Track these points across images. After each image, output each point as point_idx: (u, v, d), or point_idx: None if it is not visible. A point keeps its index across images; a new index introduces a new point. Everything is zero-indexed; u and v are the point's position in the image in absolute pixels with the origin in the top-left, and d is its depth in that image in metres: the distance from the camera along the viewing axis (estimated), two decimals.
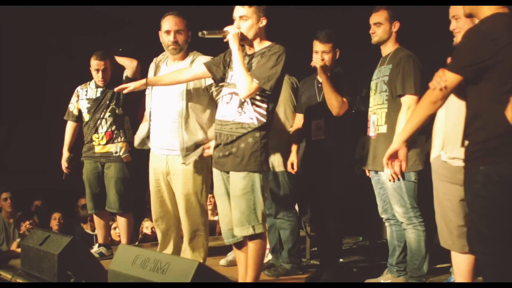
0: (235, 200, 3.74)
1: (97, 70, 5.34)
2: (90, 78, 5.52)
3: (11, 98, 8.48)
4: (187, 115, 4.26)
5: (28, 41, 8.51)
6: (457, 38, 3.51)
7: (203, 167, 4.35)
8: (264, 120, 3.72)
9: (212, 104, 4.31)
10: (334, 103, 4.34)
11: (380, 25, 4.23)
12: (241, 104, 3.72)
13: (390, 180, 3.96)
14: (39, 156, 8.56)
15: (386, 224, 4.45)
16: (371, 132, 4.30)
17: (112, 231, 6.29)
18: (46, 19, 8.24)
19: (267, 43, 3.80)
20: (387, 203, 4.34)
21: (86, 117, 5.43)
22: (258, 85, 3.63)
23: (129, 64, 5.20)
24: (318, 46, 4.51)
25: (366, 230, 5.76)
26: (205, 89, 4.31)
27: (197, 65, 4.12)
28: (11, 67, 8.41)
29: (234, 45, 3.69)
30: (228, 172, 3.78)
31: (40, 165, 8.54)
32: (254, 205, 3.71)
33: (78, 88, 5.58)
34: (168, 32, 4.28)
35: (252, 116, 3.70)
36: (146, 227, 6.54)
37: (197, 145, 4.27)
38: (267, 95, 3.72)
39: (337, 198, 4.47)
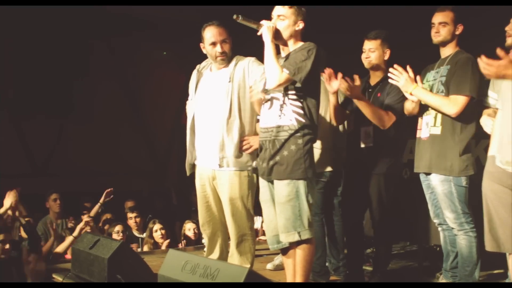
0: (280, 206, 3.73)
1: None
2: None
3: (60, 103, 8.65)
4: (229, 116, 4.26)
5: (71, 45, 8.66)
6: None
7: (250, 171, 4.34)
8: (303, 120, 3.69)
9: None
10: (377, 121, 4.28)
11: (445, 25, 4.16)
12: (281, 107, 3.71)
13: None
14: (87, 159, 8.73)
15: (439, 229, 4.40)
16: (423, 134, 4.23)
17: (154, 234, 6.33)
18: (88, 21, 8.36)
19: (300, 43, 3.80)
20: (439, 207, 4.28)
21: None
22: (288, 75, 3.62)
23: None
24: (365, 44, 4.47)
25: (414, 235, 5.67)
26: (249, 89, 4.27)
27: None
28: (60, 72, 8.58)
29: (267, 37, 3.70)
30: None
31: (88, 167, 8.71)
32: (299, 211, 3.69)
33: None
34: (214, 44, 4.27)
35: (291, 117, 3.69)
36: (188, 229, 6.53)
37: (235, 149, 4.27)
38: (302, 94, 3.70)
39: (387, 204, 4.42)
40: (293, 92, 3.71)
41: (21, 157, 8.56)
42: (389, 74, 4.15)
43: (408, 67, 4.13)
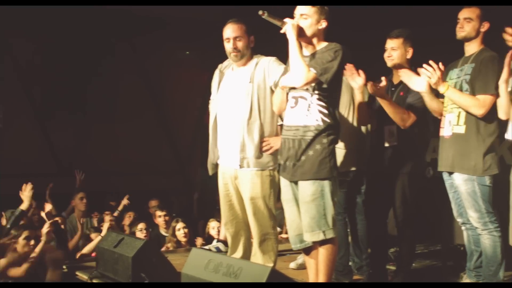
0: (305, 206, 3.74)
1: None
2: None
3: (84, 104, 8.74)
4: (249, 116, 4.29)
5: (94, 44, 8.74)
6: None
7: (271, 171, 4.36)
8: (328, 120, 3.72)
9: None
10: (398, 121, 4.30)
11: (470, 21, 4.12)
12: (308, 107, 3.73)
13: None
14: (111, 158, 8.80)
15: (462, 228, 4.36)
16: (446, 132, 4.21)
17: (177, 233, 6.35)
18: (111, 21, 8.42)
19: (324, 43, 3.81)
20: (462, 207, 4.24)
21: None
22: (315, 75, 3.64)
23: None
24: (387, 42, 4.45)
25: (438, 234, 5.65)
26: (269, 89, 4.31)
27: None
28: (83, 71, 8.66)
29: (291, 35, 3.70)
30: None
31: (111, 167, 8.78)
32: (324, 210, 3.71)
33: None
34: (228, 39, 4.36)
35: (317, 117, 3.72)
36: (212, 227, 6.53)
37: (256, 149, 4.30)
38: (326, 94, 3.72)
39: (411, 203, 4.40)
40: (318, 91, 3.73)
41: (47, 156, 8.65)
42: (422, 70, 4.10)
43: (440, 64, 4.08)
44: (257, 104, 4.29)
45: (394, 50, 4.42)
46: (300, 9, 3.78)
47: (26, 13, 7.58)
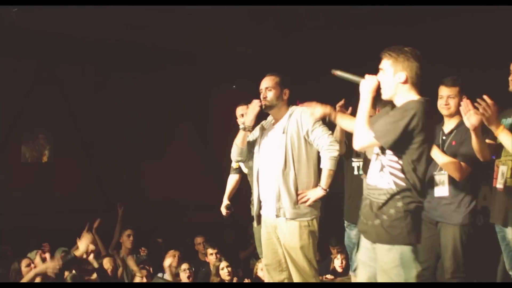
0: (383, 275, 3.37)
1: (242, 115, 5.12)
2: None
3: (132, 137, 8.86)
4: (284, 167, 4.33)
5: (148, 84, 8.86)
6: None
7: (310, 221, 4.37)
8: (403, 184, 3.31)
9: (312, 153, 4.37)
10: (452, 172, 4.25)
11: None
12: (382, 168, 3.41)
13: None
14: (158, 192, 8.88)
15: None
16: (499, 184, 4.12)
17: (221, 272, 6.27)
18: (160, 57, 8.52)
19: (407, 100, 3.35)
20: None
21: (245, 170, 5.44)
22: (374, 138, 3.30)
23: None
24: (443, 90, 4.40)
25: (487, 280, 5.49)
26: (303, 138, 4.36)
27: None
28: (134, 107, 8.80)
29: (363, 92, 3.41)
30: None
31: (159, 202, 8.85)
32: (405, 280, 3.32)
33: None
34: (261, 90, 4.45)
35: (389, 180, 3.34)
36: (261, 268, 6.26)
37: (291, 199, 4.32)
38: (402, 155, 3.31)
39: (461, 254, 4.35)
40: (391, 152, 3.35)
41: (97, 194, 8.76)
42: (475, 104, 3.93)
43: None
44: (291, 155, 4.33)
45: (452, 99, 4.36)
46: (381, 64, 3.43)
47: (77, 46, 7.73)
